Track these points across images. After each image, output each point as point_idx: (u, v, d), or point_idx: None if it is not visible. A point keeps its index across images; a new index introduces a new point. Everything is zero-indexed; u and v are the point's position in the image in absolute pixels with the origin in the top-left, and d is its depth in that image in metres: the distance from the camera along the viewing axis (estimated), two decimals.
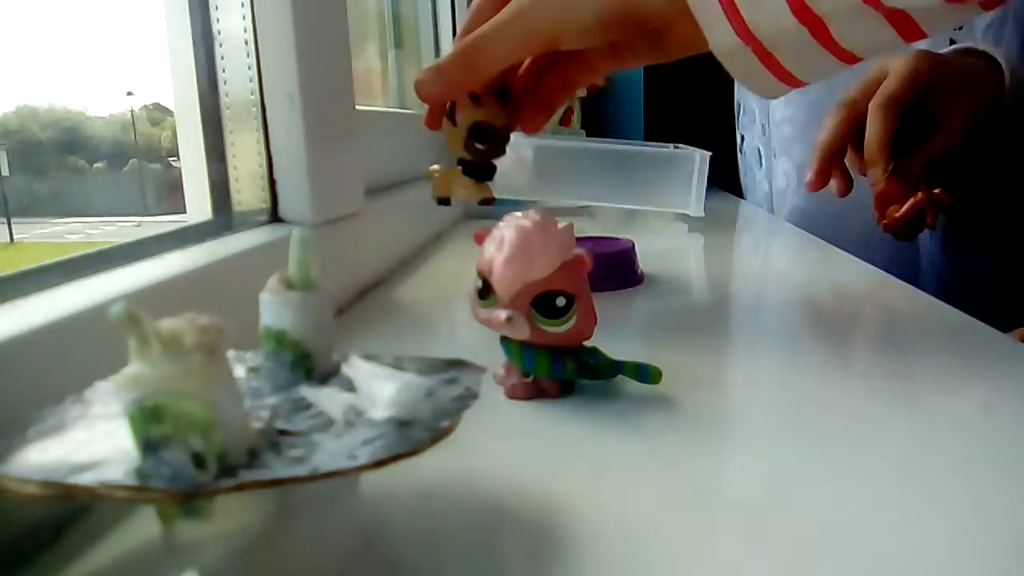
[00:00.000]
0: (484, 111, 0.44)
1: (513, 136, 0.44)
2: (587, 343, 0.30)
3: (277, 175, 0.45)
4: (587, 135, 1.14)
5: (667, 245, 0.70)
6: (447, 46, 1.27)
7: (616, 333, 0.40)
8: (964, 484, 0.23)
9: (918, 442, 0.26)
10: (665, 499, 0.23)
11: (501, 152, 0.43)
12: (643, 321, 0.44)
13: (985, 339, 0.36)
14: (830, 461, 0.25)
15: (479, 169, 0.44)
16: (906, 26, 0.32)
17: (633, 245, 0.51)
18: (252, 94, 0.44)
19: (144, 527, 0.22)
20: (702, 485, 0.24)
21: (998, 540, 0.20)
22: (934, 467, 0.25)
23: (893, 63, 0.57)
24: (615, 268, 0.49)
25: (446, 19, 1.27)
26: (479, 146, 0.42)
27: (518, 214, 0.29)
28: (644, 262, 0.52)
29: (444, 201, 0.49)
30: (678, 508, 0.23)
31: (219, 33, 0.43)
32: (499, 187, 0.45)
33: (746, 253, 0.71)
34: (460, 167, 0.46)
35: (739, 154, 1.08)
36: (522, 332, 0.29)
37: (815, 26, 0.32)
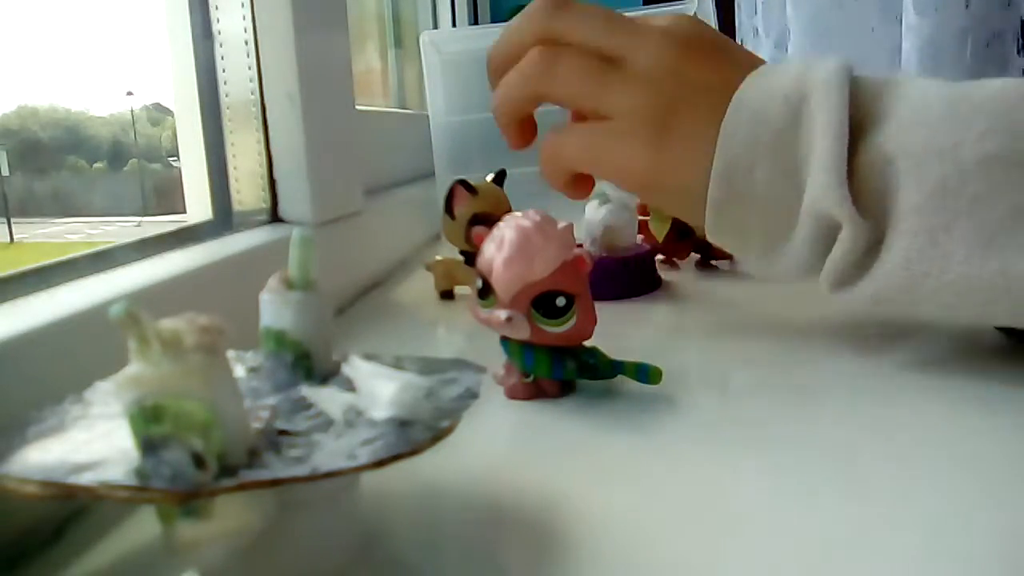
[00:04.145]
0: (483, 201, 0.44)
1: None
2: (587, 343, 0.30)
3: (277, 175, 0.45)
4: None
5: None
6: None
7: (635, 339, 0.40)
8: (969, 487, 0.23)
9: (922, 445, 0.26)
10: (665, 499, 0.23)
11: None
12: (661, 327, 0.44)
13: (990, 340, 0.36)
14: (830, 461, 0.25)
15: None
16: None
17: (652, 250, 0.50)
18: (252, 94, 0.44)
19: (144, 527, 0.22)
20: (702, 485, 0.24)
21: (1001, 547, 0.20)
22: (938, 470, 0.25)
23: None
24: (634, 274, 0.49)
25: (446, 19, 1.27)
26: None
27: (518, 214, 0.30)
28: (662, 267, 0.52)
29: (448, 295, 0.49)
30: (678, 508, 0.23)
31: (219, 33, 0.43)
32: None
33: None
34: (462, 258, 0.46)
35: None
36: (522, 332, 0.29)
37: None
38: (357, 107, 0.54)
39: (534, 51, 0.36)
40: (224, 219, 0.44)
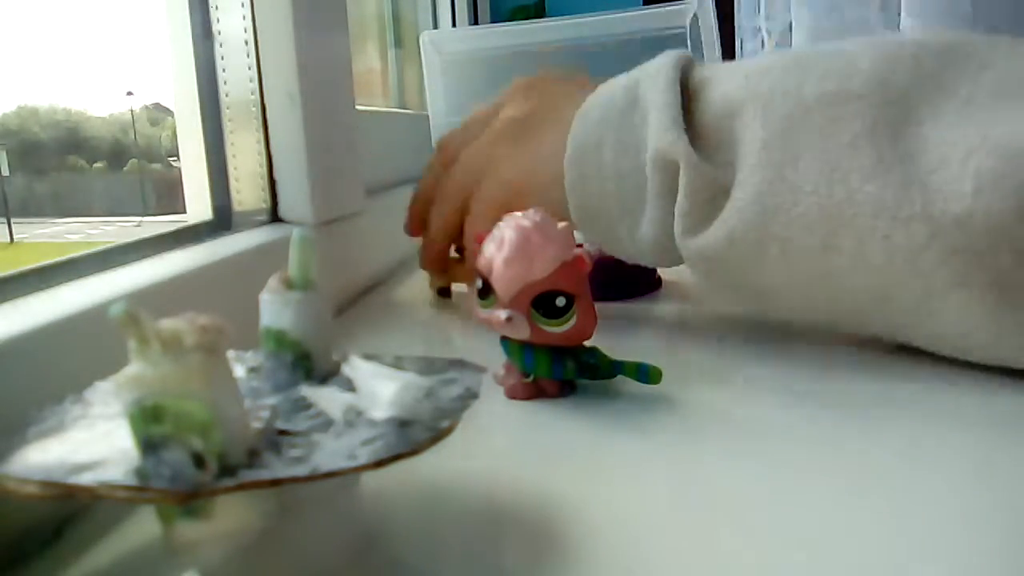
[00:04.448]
0: None
1: None
2: (587, 343, 0.30)
3: (277, 175, 0.45)
4: None
5: None
6: None
7: (632, 339, 0.40)
8: (970, 486, 0.23)
9: (920, 443, 0.26)
10: (665, 499, 0.23)
11: None
12: (661, 327, 0.44)
13: None
14: (830, 461, 0.25)
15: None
16: None
17: None
18: (252, 94, 0.44)
19: (144, 527, 0.22)
20: (702, 485, 0.24)
21: (1000, 542, 0.20)
22: (936, 469, 0.25)
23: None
24: (634, 274, 0.49)
25: (446, 19, 1.27)
26: None
27: (518, 214, 0.29)
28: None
29: (444, 292, 0.49)
30: (678, 508, 0.23)
31: (219, 33, 0.43)
32: None
33: None
34: (458, 255, 0.46)
35: None
36: (522, 332, 0.29)
37: None
38: (357, 107, 0.54)
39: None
40: (224, 219, 0.44)
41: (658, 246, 0.35)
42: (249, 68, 0.43)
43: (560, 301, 0.28)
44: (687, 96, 0.34)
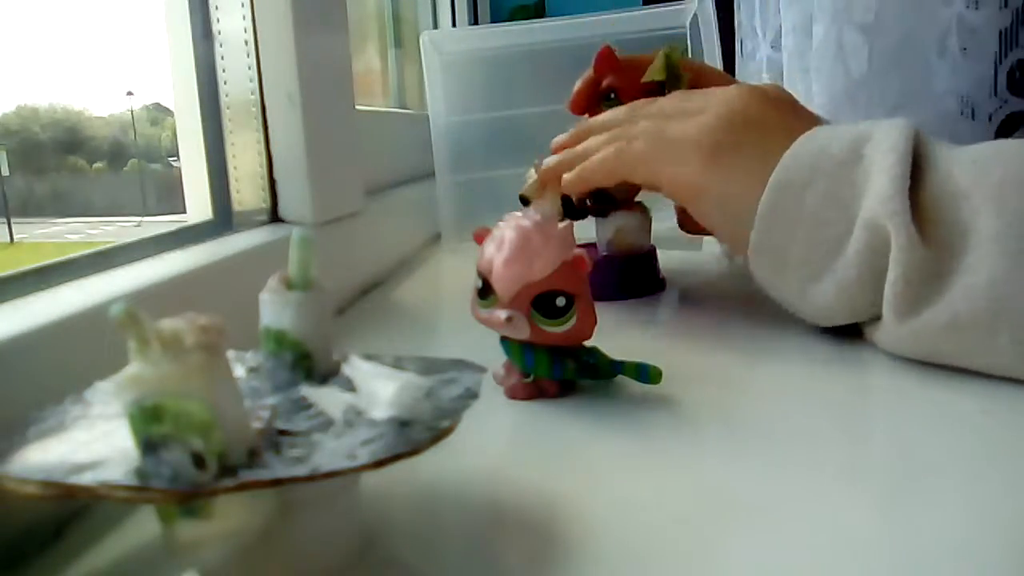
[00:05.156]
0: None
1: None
2: (587, 343, 0.30)
3: (277, 175, 0.45)
4: None
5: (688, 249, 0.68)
6: None
7: (632, 339, 0.40)
8: (970, 484, 0.23)
9: (922, 441, 0.26)
10: (665, 499, 0.23)
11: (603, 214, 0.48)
12: (661, 327, 0.44)
13: None
14: (831, 461, 0.25)
15: (575, 210, 0.46)
16: None
17: (654, 249, 0.50)
18: (252, 94, 0.44)
19: (144, 527, 0.22)
20: (702, 485, 0.24)
21: (1004, 543, 0.20)
22: (938, 467, 0.25)
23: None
24: (636, 275, 0.49)
25: (446, 19, 1.27)
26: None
27: (518, 214, 0.30)
28: (665, 267, 0.51)
29: (525, 201, 0.48)
30: (678, 508, 0.23)
31: (219, 33, 0.43)
32: None
33: None
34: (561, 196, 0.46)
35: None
36: (522, 332, 0.29)
37: None
38: (357, 107, 0.54)
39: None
40: (224, 219, 0.44)
41: (829, 308, 0.35)
42: (249, 68, 0.43)
43: (560, 301, 0.28)
44: (913, 168, 0.33)
